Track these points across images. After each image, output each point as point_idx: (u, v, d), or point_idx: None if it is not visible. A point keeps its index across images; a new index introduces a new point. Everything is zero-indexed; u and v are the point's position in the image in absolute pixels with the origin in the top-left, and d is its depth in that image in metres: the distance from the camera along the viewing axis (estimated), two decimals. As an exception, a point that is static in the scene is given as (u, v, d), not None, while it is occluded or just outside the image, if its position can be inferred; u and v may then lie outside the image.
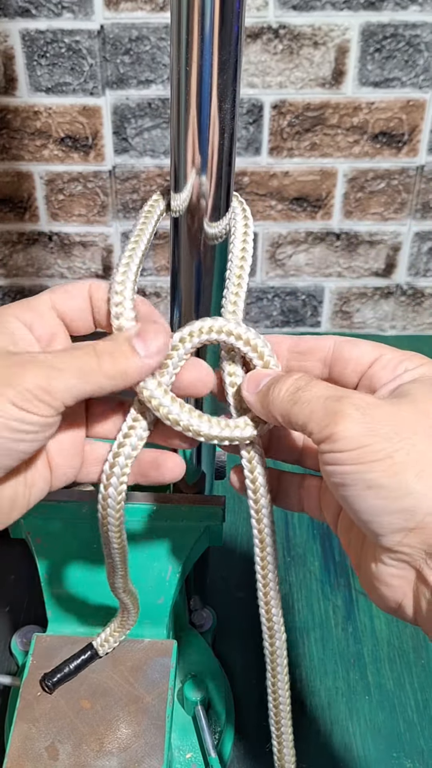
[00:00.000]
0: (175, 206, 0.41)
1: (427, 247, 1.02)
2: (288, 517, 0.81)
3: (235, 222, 0.43)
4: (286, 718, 0.49)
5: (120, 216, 0.99)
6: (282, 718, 0.49)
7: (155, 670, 0.53)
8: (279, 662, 0.47)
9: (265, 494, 0.42)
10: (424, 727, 0.65)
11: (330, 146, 0.93)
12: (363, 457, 0.33)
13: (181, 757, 0.58)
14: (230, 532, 0.79)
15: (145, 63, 0.87)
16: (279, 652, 0.46)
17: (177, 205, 0.41)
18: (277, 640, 0.46)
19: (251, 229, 0.43)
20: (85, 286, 0.40)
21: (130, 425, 0.40)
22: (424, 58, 0.88)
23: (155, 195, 0.43)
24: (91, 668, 0.53)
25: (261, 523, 0.42)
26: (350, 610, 0.73)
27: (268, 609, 0.45)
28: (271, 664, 0.47)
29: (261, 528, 0.42)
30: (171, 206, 0.42)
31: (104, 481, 0.40)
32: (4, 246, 1.02)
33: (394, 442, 0.33)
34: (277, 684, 0.48)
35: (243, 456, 0.41)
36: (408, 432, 0.33)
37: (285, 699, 0.48)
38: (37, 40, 0.86)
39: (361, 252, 1.02)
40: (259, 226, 1.00)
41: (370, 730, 0.65)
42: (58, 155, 0.93)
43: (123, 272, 0.40)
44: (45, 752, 0.49)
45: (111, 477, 0.40)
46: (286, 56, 0.87)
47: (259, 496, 0.42)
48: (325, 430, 0.34)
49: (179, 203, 0.41)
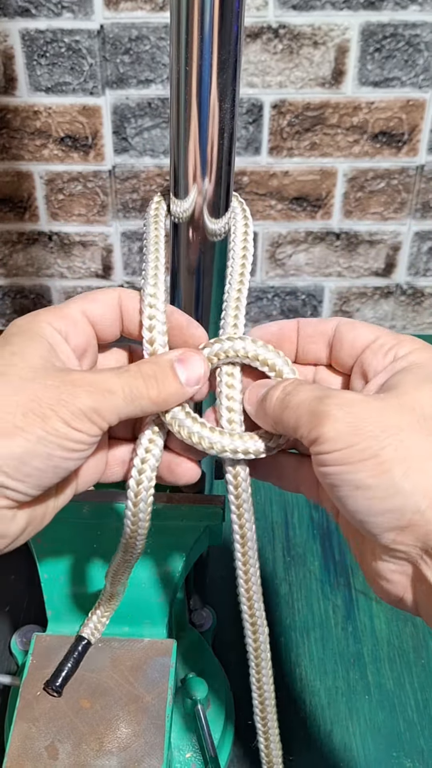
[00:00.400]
0: (174, 206, 0.41)
1: (427, 247, 1.02)
2: (288, 517, 0.81)
3: (235, 222, 0.43)
4: (271, 713, 0.49)
5: (120, 216, 0.99)
6: (268, 714, 0.49)
7: (155, 669, 0.53)
8: (263, 657, 0.47)
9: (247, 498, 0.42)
10: (424, 727, 0.65)
11: (330, 146, 0.93)
12: (349, 457, 0.33)
13: (181, 757, 0.58)
14: (230, 531, 0.79)
15: (144, 63, 0.87)
16: (263, 647, 0.46)
17: (177, 206, 0.41)
18: (261, 635, 0.46)
19: (251, 229, 0.43)
20: (115, 294, 0.40)
21: (150, 438, 0.41)
22: (423, 58, 0.88)
23: (156, 197, 0.43)
24: (90, 668, 0.53)
25: (242, 518, 0.43)
26: (350, 609, 0.73)
27: (250, 605, 0.45)
28: (255, 660, 0.47)
29: (242, 523, 0.43)
30: (170, 207, 0.42)
31: (132, 498, 0.41)
32: (4, 246, 1.02)
33: (380, 440, 0.32)
34: (262, 680, 0.48)
35: (228, 471, 0.41)
36: (394, 428, 0.33)
37: (270, 695, 0.48)
38: (36, 39, 0.86)
39: (361, 252, 1.02)
40: (258, 226, 1.00)
41: (369, 730, 0.65)
42: (58, 155, 0.93)
43: (153, 284, 0.40)
44: (45, 752, 0.49)
45: (139, 494, 0.40)
46: (286, 56, 0.87)
47: (242, 501, 0.42)
48: (312, 433, 0.34)
49: (179, 204, 0.41)
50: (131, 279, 1.04)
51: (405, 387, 0.35)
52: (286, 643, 0.70)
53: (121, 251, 1.02)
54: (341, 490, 0.33)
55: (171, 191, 0.41)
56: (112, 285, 1.05)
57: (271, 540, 0.79)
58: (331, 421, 0.33)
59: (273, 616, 0.72)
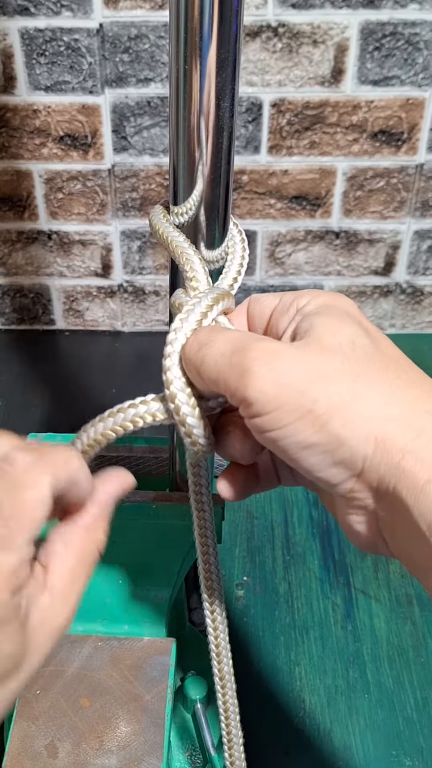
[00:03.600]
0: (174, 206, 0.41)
1: (427, 246, 1.02)
2: (288, 517, 0.81)
3: (233, 245, 0.43)
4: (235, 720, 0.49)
5: (119, 214, 0.99)
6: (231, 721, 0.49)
7: (155, 668, 0.53)
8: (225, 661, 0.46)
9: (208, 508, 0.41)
10: (423, 725, 0.65)
11: (329, 144, 0.93)
12: (282, 418, 0.31)
13: (181, 755, 0.58)
14: (230, 530, 0.80)
15: (144, 61, 0.87)
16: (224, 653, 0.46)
17: (177, 206, 0.41)
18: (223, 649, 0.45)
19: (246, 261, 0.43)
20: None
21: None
22: (423, 57, 0.87)
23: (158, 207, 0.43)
24: (90, 667, 0.53)
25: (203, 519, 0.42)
26: (349, 608, 0.73)
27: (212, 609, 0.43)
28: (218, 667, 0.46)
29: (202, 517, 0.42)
30: (170, 208, 0.42)
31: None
32: (4, 244, 1.02)
33: (308, 394, 0.30)
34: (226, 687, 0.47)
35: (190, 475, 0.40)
36: (320, 376, 0.31)
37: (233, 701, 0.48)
38: (36, 38, 0.85)
39: (361, 250, 1.02)
40: (258, 225, 1.00)
41: (369, 728, 0.65)
42: (57, 154, 0.93)
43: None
44: (44, 750, 0.49)
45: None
46: (285, 54, 0.87)
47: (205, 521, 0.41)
48: (237, 395, 0.31)
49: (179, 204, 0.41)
50: (130, 278, 1.04)
51: (319, 329, 0.33)
52: (285, 641, 0.70)
53: (120, 250, 1.02)
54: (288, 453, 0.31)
55: (170, 188, 0.41)
56: (112, 284, 1.05)
57: (270, 539, 0.79)
58: (255, 379, 0.31)
59: (272, 615, 0.72)
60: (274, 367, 0.31)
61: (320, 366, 0.31)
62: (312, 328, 0.33)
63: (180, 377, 0.36)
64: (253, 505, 0.82)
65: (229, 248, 0.43)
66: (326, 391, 0.31)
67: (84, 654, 0.54)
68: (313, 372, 0.31)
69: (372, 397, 0.31)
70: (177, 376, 0.36)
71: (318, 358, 0.31)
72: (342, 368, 0.31)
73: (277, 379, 0.31)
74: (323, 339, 0.32)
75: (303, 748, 0.64)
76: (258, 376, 0.31)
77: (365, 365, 0.32)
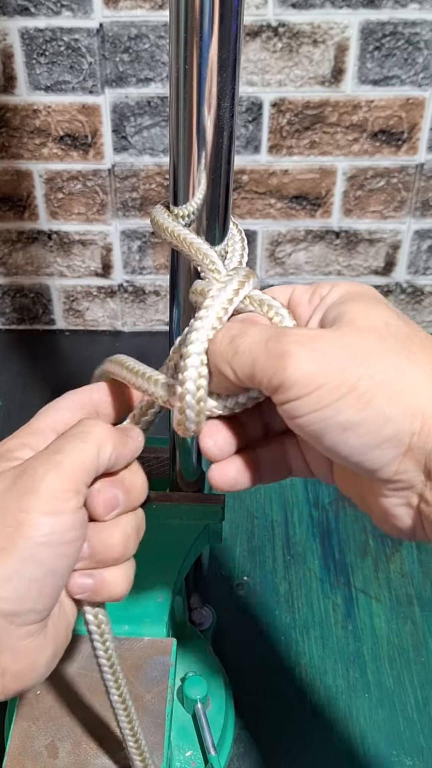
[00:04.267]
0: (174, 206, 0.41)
1: (427, 245, 1.02)
2: (288, 516, 0.81)
3: (233, 245, 0.43)
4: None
5: (119, 214, 0.99)
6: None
7: (155, 668, 0.53)
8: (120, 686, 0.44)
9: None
10: (424, 725, 0.65)
11: (329, 144, 0.93)
12: (324, 398, 0.30)
13: (181, 755, 0.58)
14: (230, 530, 0.80)
15: (144, 61, 0.87)
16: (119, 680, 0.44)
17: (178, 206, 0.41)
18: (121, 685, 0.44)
19: (245, 261, 0.43)
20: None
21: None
22: (423, 56, 0.87)
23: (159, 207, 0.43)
24: (90, 667, 0.53)
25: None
26: (350, 608, 0.73)
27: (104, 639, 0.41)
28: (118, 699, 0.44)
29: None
30: (170, 208, 0.42)
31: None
32: (4, 244, 1.02)
33: (351, 372, 0.30)
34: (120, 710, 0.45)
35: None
36: (361, 354, 0.30)
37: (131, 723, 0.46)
38: (36, 38, 0.85)
39: (361, 250, 1.02)
40: (258, 225, 1.00)
41: (369, 729, 0.65)
42: (58, 153, 0.93)
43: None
44: (45, 750, 0.49)
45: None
46: (286, 54, 0.87)
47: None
48: (275, 379, 0.31)
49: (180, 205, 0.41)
50: (130, 278, 1.04)
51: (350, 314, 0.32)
52: (286, 641, 0.70)
53: (120, 250, 1.02)
54: (326, 438, 0.31)
55: (170, 188, 0.41)
56: (112, 284, 1.05)
57: (271, 539, 0.79)
58: (294, 360, 0.30)
59: (272, 615, 0.72)
60: (314, 347, 0.31)
61: (359, 345, 0.31)
62: (342, 314, 0.33)
63: (198, 366, 0.35)
64: (253, 505, 0.82)
65: (229, 248, 0.43)
66: (369, 366, 0.30)
67: (84, 654, 0.54)
68: (354, 351, 0.31)
69: (416, 374, 0.31)
70: (195, 364, 0.35)
71: (356, 338, 0.31)
72: (381, 346, 0.31)
73: (317, 358, 0.30)
74: (356, 321, 0.32)
75: (303, 748, 0.64)
76: (297, 356, 0.30)
77: (403, 343, 0.32)
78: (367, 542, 0.79)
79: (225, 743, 0.62)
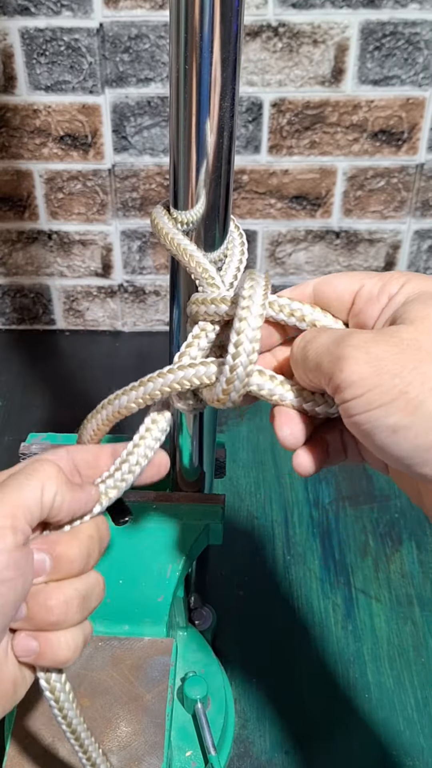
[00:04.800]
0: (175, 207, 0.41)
1: (427, 245, 1.02)
2: (288, 517, 0.81)
3: (233, 246, 0.43)
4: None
5: (119, 214, 0.99)
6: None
7: (155, 668, 0.53)
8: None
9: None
10: (424, 726, 0.65)
11: (329, 144, 0.93)
12: (376, 400, 0.31)
13: (181, 755, 0.58)
14: (230, 530, 0.80)
15: (144, 61, 0.87)
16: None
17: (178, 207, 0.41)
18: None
19: (244, 262, 0.43)
20: None
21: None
22: (423, 56, 0.87)
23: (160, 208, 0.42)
24: (90, 667, 0.53)
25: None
26: (350, 608, 0.73)
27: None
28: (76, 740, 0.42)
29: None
30: (170, 208, 0.42)
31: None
32: (4, 244, 1.02)
33: (403, 376, 0.31)
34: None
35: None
36: (414, 360, 0.31)
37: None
38: (36, 38, 0.85)
39: (361, 250, 1.02)
40: (258, 225, 1.00)
41: (369, 728, 0.65)
42: (58, 153, 0.93)
43: None
44: (45, 751, 0.49)
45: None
46: (286, 54, 0.87)
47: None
48: (333, 381, 0.32)
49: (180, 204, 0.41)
50: (131, 278, 1.04)
51: (412, 317, 0.33)
52: (286, 642, 0.70)
53: (120, 250, 1.02)
54: (377, 438, 0.32)
55: (171, 188, 0.41)
56: (112, 284, 1.05)
57: (271, 539, 0.79)
58: (349, 363, 0.32)
59: (272, 615, 0.72)
60: (369, 350, 0.32)
61: (414, 350, 0.32)
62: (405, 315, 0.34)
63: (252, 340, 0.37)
64: (253, 505, 0.82)
65: (228, 249, 0.43)
66: (421, 372, 0.31)
67: (84, 654, 0.54)
68: (407, 355, 0.32)
69: None
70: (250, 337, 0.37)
71: (412, 343, 0.32)
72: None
73: (370, 361, 0.32)
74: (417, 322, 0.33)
75: (303, 748, 0.64)
76: (352, 358, 0.32)
77: None
78: (367, 542, 0.79)
79: (225, 743, 0.62)
